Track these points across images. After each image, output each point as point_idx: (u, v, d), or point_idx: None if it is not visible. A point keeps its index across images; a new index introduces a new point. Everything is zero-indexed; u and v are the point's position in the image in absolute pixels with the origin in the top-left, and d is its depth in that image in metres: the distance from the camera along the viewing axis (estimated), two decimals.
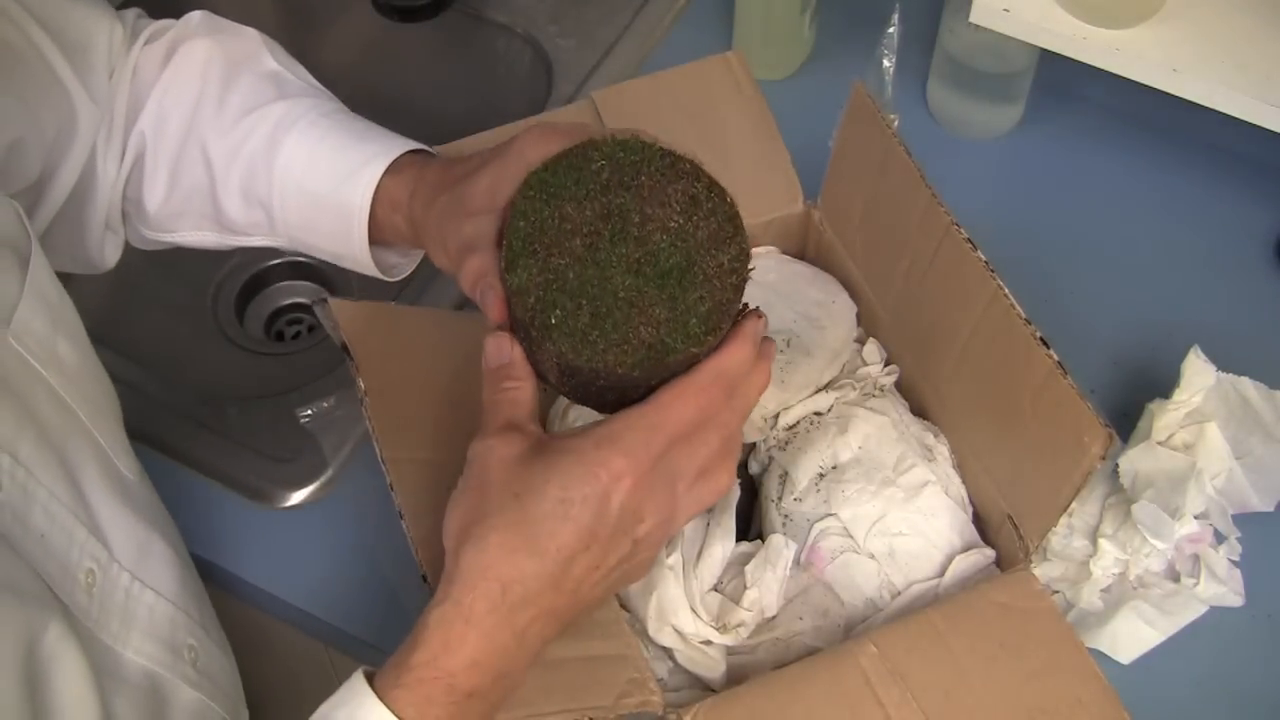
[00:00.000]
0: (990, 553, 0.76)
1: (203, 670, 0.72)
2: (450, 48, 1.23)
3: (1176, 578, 0.83)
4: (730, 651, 0.72)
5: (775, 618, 0.73)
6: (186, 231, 0.81)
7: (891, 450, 0.77)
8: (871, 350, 0.84)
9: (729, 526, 0.73)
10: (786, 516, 0.77)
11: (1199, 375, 0.85)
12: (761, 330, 0.60)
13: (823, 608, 0.74)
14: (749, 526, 0.80)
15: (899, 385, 0.83)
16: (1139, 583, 0.83)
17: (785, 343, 0.81)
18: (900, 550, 0.75)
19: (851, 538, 0.75)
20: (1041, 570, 0.83)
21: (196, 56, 0.78)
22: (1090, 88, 1.04)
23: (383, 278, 0.79)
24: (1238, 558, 0.84)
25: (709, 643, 0.72)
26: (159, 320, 1.17)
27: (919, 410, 0.82)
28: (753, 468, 0.81)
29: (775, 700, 0.67)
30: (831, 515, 0.76)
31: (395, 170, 0.73)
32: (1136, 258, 1.00)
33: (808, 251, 0.89)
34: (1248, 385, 0.87)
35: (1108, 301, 0.97)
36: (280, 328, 1.21)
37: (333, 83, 0.81)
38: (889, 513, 0.75)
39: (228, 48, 0.78)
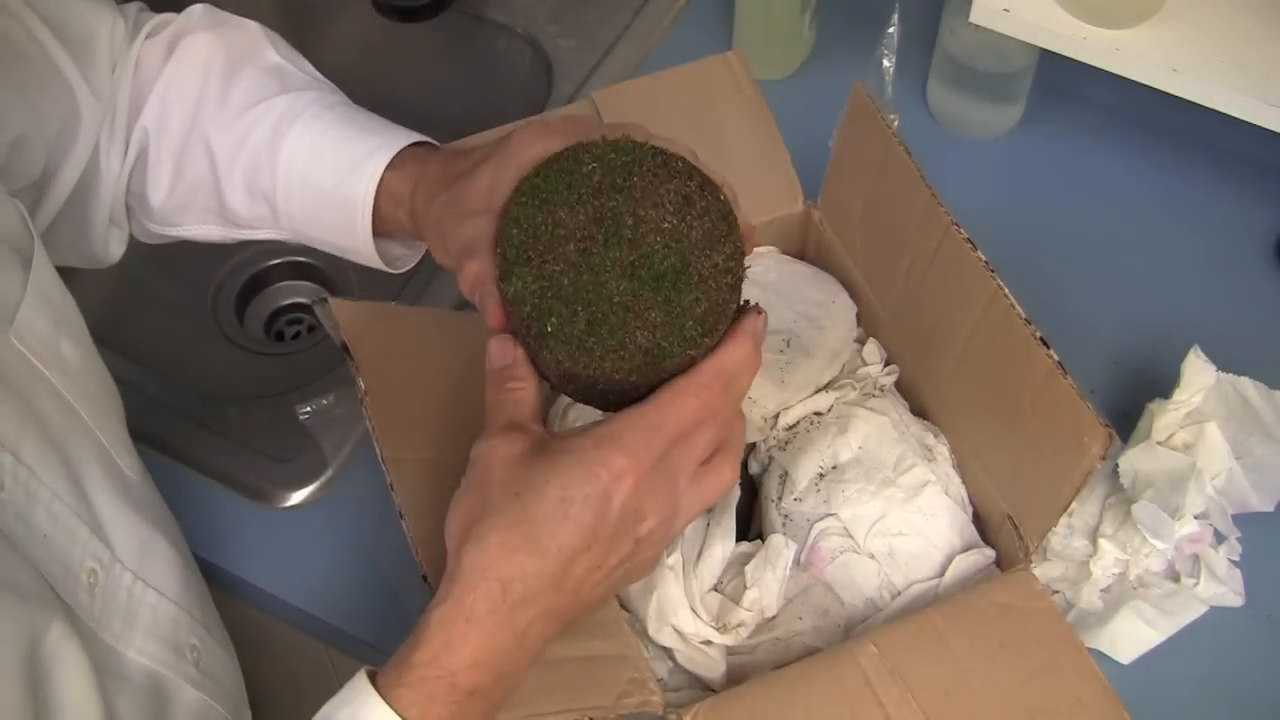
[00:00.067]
0: (990, 553, 0.76)
1: (205, 670, 0.72)
2: (450, 48, 1.23)
3: (1176, 578, 0.83)
4: (730, 651, 0.72)
5: (775, 618, 0.73)
6: (191, 225, 0.81)
7: (891, 450, 0.77)
8: (871, 350, 0.84)
9: (729, 526, 0.73)
10: (786, 516, 0.77)
11: (1199, 375, 0.85)
12: (762, 327, 0.59)
13: (823, 608, 0.74)
14: (749, 526, 0.80)
15: (899, 385, 0.83)
16: (1139, 583, 0.83)
17: (785, 343, 0.81)
18: (900, 550, 0.75)
19: (851, 538, 0.75)
20: (1041, 570, 0.83)
21: (198, 50, 0.78)
22: (1090, 88, 1.04)
23: (387, 270, 0.79)
24: (1238, 558, 0.84)
25: (709, 643, 0.72)
26: (159, 320, 1.16)
27: (919, 410, 0.82)
28: (753, 468, 0.81)
29: (775, 700, 0.67)
30: (831, 515, 0.76)
31: (397, 165, 0.73)
32: (1136, 258, 1.00)
33: (808, 251, 0.89)
34: (1248, 385, 0.87)
35: (1108, 301, 0.97)
36: (280, 328, 1.21)
37: (333, 83, 0.81)
38: (889, 513, 0.75)
39: (229, 41, 0.78)
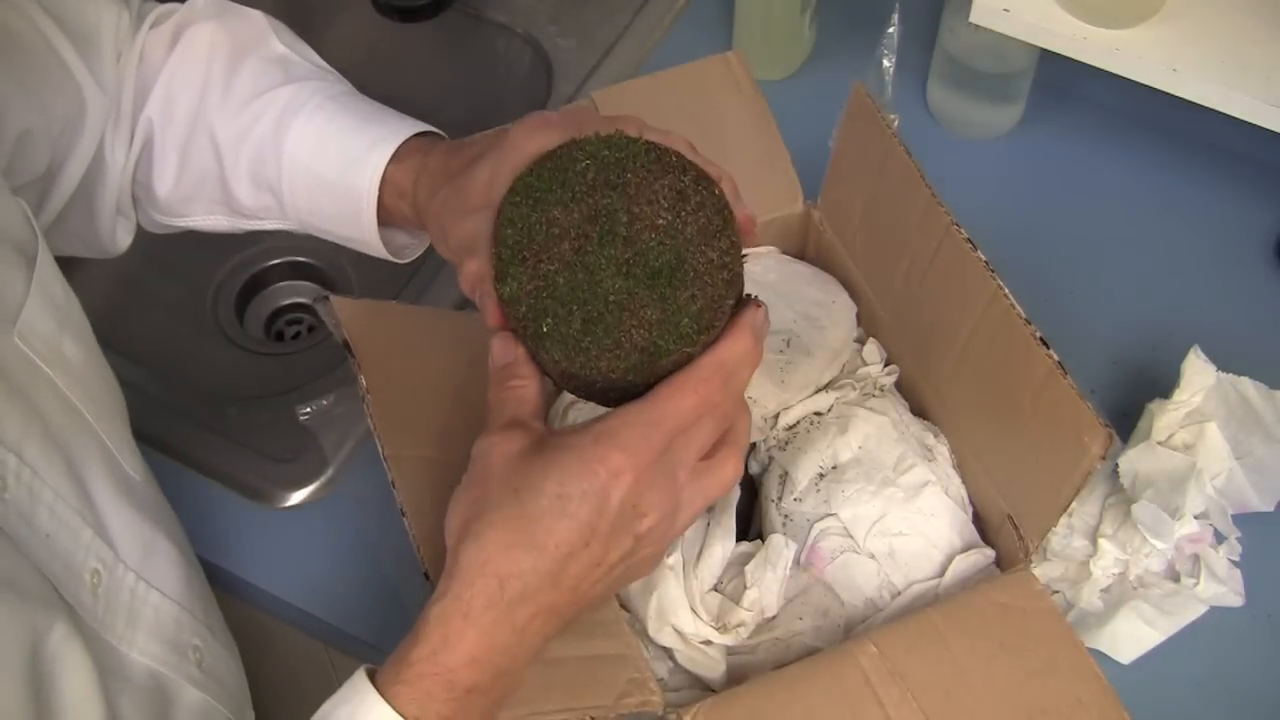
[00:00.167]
0: (990, 553, 0.76)
1: (208, 671, 0.72)
2: (450, 48, 1.23)
3: (1176, 578, 0.83)
4: (730, 651, 0.72)
5: (775, 618, 0.73)
6: (198, 216, 0.81)
7: (891, 450, 0.77)
8: (871, 350, 0.84)
9: (729, 526, 0.73)
10: (786, 516, 0.77)
11: (1199, 375, 0.85)
12: (762, 320, 0.59)
13: (823, 608, 0.74)
14: (749, 526, 0.80)
15: (899, 385, 0.83)
16: (1139, 583, 0.83)
17: (785, 343, 0.81)
18: (900, 550, 0.75)
19: (851, 538, 0.75)
20: (1041, 570, 0.83)
21: (202, 40, 0.77)
22: (1090, 88, 1.04)
23: (394, 260, 0.79)
24: (1238, 558, 0.84)
25: (709, 643, 0.72)
26: (159, 320, 1.16)
27: (919, 410, 0.82)
28: (753, 468, 0.81)
29: (775, 700, 0.67)
30: (831, 515, 0.76)
31: (401, 157, 0.72)
32: (1136, 257, 1.00)
33: (808, 251, 0.89)
34: (1248, 385, 0.87)
35: (1108, 301, 0.97)
36: (280, 328, 1.21)
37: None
38: (889, 513, 0.75)
39: (233, 31, 0.78)
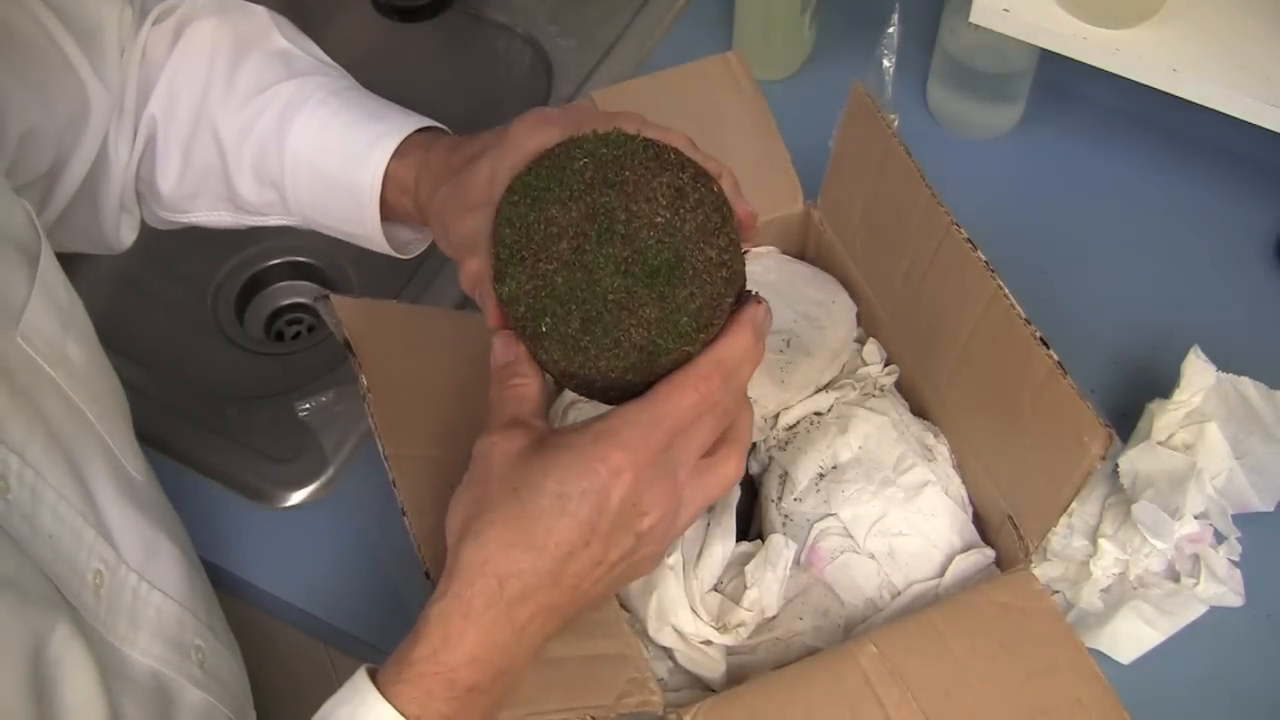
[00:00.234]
0: (990, 553, 0.76)
1: (210, 671, 0.72)
2: (450, 48, 1.23)
3: (1176, 578, 0.83)
4: (730, 651, 0.72)
5: (775, 618, 0.73)
6: (202, 212, 0.80)
7: (891, 450, 0.77)
8: (871, 350, 0.84)
9: (729, 526, 0.73)
10: (786, 516, 0.77)
11: (1199, 375, 0.85)
12: (763, 316, 0.58)
13: (823, 608, 0.74)
14: (749, 526, 0.80)
15: (899, 385, 0.83)
16: (1139, 583, 0.83)
17: (785, 343, 0.81)
18: (900, 550, 0.75)
19: (851, 538, 0.75)
20: (1041, 570, 0.83)
21: (204, 36, 0.77)
22: (1090, 88, 1.05)
23: (398, 255, 0.78)
24: (1238, 558, 0.84)
25: (709, 643, 0.72)
26: (159, 320, 1.16)
27: (919, 410, 0.82)
28: (753, 468, 0.81)
29: (775, 700, 0.67)
30: (831, 515, 0.76)
31: (402, 153, 0.72)
32: (1136, 258, 1.00)
33: (808, 251, 0.89)
34: (1248, 385, 0.87)
35: (1108, 301, 0.97)
36: (280, 328, 1.21)
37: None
38: (889, 513, 0.75)
39: (236, 26, 0.78)
